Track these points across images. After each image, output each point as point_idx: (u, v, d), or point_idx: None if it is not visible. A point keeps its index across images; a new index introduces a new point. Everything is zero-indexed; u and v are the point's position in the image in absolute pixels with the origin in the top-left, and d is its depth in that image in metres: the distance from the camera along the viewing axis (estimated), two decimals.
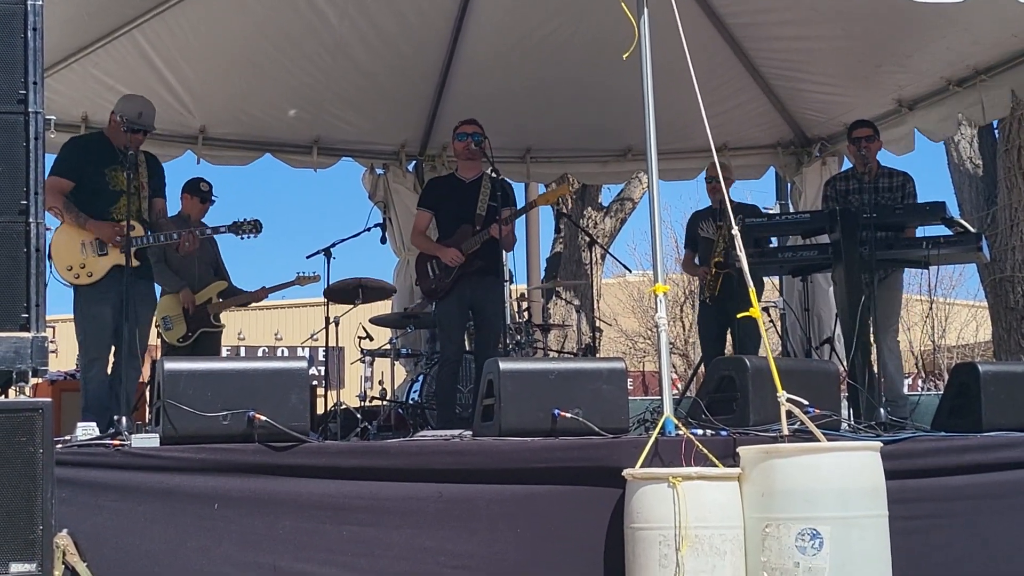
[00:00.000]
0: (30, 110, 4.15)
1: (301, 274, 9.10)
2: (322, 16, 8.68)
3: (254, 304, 9.48)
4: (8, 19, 4.16)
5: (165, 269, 8.28)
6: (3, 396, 4.19)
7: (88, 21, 8.05)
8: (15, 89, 4.15)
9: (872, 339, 7.14)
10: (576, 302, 13.94)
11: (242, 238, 7.48)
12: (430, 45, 9.45)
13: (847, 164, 9.85)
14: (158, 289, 7.89)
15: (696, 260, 9.17)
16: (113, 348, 6.83)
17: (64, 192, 6.87)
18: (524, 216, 12.79)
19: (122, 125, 6.93)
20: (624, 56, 5.86)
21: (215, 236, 8.03)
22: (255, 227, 7.45)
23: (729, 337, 8.90)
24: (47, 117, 4.21)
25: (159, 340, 8.44)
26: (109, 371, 6.84)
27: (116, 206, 6.93)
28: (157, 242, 7.15)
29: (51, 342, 4.37)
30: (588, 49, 9.00)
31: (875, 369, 7.07)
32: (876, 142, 8.20)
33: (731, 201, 8.75)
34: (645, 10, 5.91)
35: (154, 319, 7.62)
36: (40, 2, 4.20)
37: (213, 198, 8.63)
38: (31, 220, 4.10)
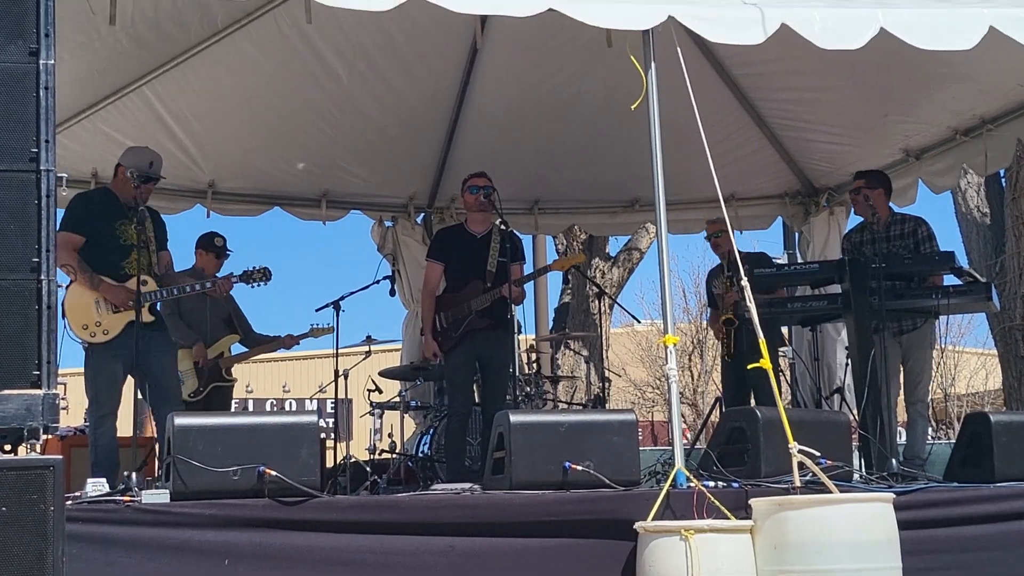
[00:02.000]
0: (42, 168, 4.16)
1: (315, 326, 9.12)
2: (331, 71, 8.73)
3: (262, 357, 9.49)
4: (21, 79, 4.18)
5: (178, 322, 8.29)
6: (14, 454, 4.18)
7: (98, 78, 8.10)
8: (27, 147, 4.16)
9: (884, 391, 7.12)
10: (585, 352, 13.93)
11: (252, 286, 7.48)
12: (438, 99, 9.50)
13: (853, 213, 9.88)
14: None
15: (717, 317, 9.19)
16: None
17: (76, 247, 6.85)
18: (534, 266, 12.83)
19: (132, 179, 6.90)
20: (632, 107, 5.89)
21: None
22: (264, 275, 7.46)
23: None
24: (59, 174, 4.22)
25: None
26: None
27: (128, 260, 6.93)
28: (170, 296, 7.16)
29: (62, 399, 4.36)
30: (595, 101, 9.04)
31: (886, 420, 7.03)
32: (877, 190, 8.13)
33: (739, 252, 8.81)
34: (653, 63, 5.94)
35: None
36: (52, 61, 4.23)
37: (228, 252, 8.67)
38: (43, 277, 4.10)
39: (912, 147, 9.21)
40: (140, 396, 6.71)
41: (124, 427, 6.81)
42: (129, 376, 6.81)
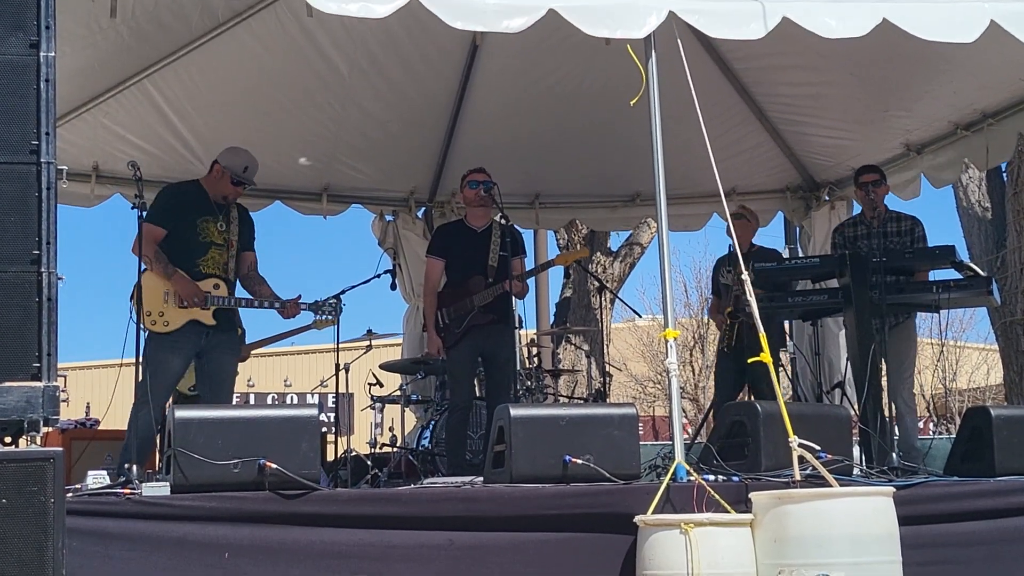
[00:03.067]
0: (42, 160, 4.17)
1: (318, 318, 9.11)
2: (332, 66, 8.73)
3: (263, 351, 9.48)
4: (21, 71, 4.18)
5: None
6: (14, 446, 4.19)
7: (99, 71, 8.09)
8: (27, 140, 4.17)
9: (884, 386, 7.13)
10: (586, 347, 13.93)
11: (320, 317, 7.48)
12: (439, 93, 9.50)
13: (856, 208, 9.88)
14: None
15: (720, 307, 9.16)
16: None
17: (157, 239, 6.92)
18: (535, 261, 12.81)
19: (230, 177, 7.06)
20: (632, 102, 5.89)
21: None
22: (335, 309, 7.44)
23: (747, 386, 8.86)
24: (59, 167, 4.23)
25: None
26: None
27: (204, 258, 7.02)
28: (238, 305, 7.16)
29: (63, 391, 4.37)
30: (596, 96, 9.03)
31: (887, 415, 7.03)
32: (883, 186, 8.22)
33: (753, 246, 8.82)
34: (653, 56, 5.94)
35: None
36: (52, 54, 4.23)
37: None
38: (43, 270, 4.11)
39: (913, 141, 9.21)
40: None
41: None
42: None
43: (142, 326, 6.80)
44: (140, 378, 6.70)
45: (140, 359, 6.68)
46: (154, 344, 6.86)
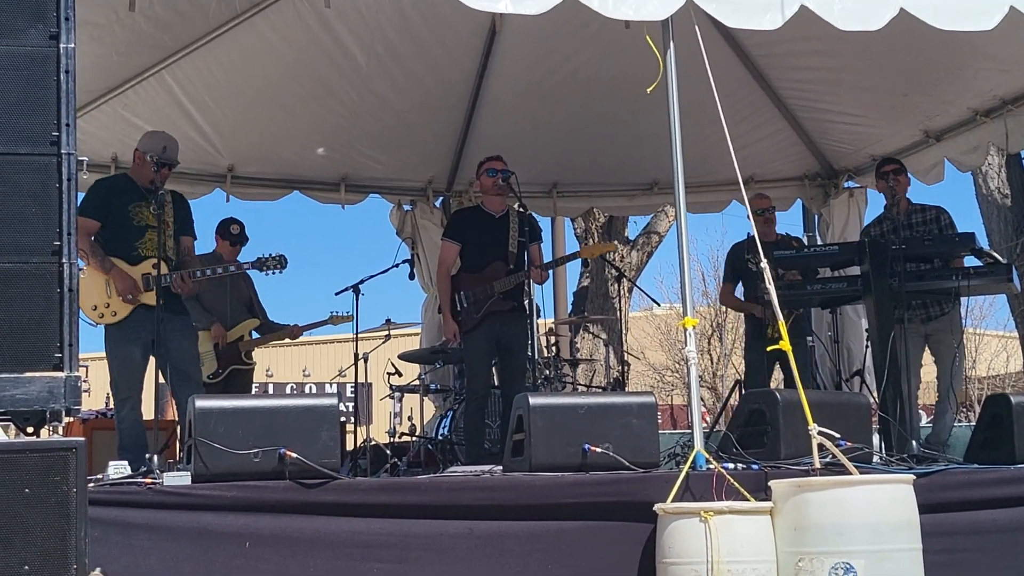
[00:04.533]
0: (63, 151, 4.19)
1: (335, 313, 9.14)
2: (349, 56, 8.73)
3: (283, 341, 9.51)
4: (41, 63, 4.20)
5: (194, 304, 8.31)
6: (36, 436, 4.21)
7: (117, 62, 8.12)
8: (48, 131, 4.19)
9: (905, 373, 7.10)
10: (604, 336, 13.93)
11: (266, 274, 7.45)
12: (457, 82, 9.50)
13: (872, 196, 9.85)
14: None
15: (741, 294, 9.12)
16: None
17: (91, 232, 6.92)
18: (552, 249, 12.81)
19: (150, 163, 6.99)
20: (649, 90, 5.88)
21: (250, 274, 8.03)
22: (280, 263, 7.38)
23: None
24: (79, 158, 4.25)
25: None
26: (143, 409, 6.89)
27: (141, 241, 7.00)
28: (169, 282, 7.04)
29: (84, 381, 4.39)
30: (614, 84, 9.02)
31: (905, 399, 7.01)
32: (904, 176, 8.18)
33: (778, 234, 8.80)
34: (671, 44, 5.92)
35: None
36: (72, 45, 4.25)
37: (245, 238, 8.69)
38: (64, 260, 4.13)
39: (932, 128, 9.17)
40: (162, 379, 6.75)
41: (149, 411, 6.84)
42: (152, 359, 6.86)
43: (91, 322, 6.83)
44: (110, 377, 6.72)
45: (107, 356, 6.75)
46: (112, 338, 6.88)
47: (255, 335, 9.01)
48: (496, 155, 7.86)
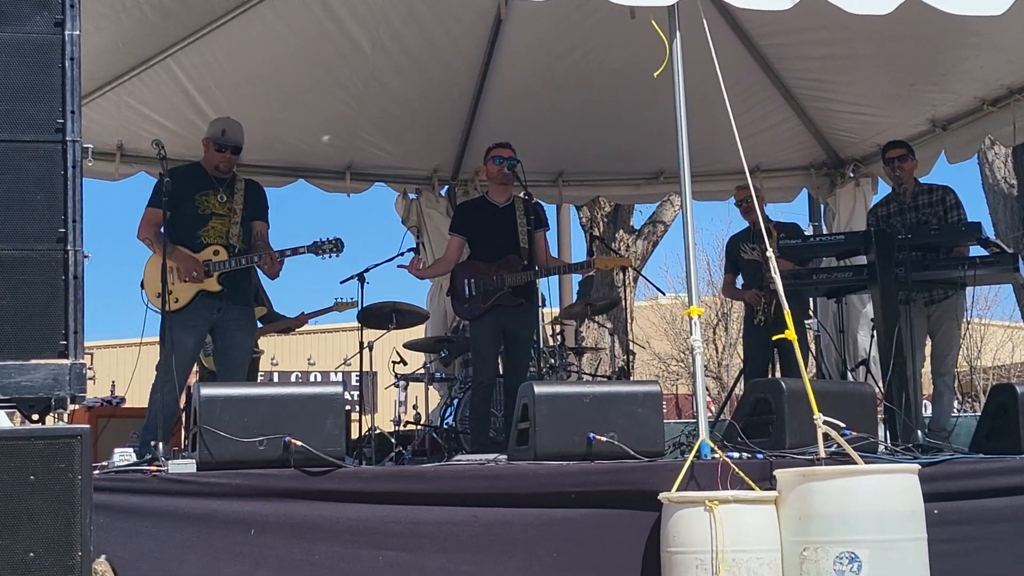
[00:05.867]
0: (68, 139, 4.18)
1: (339, 300, 9.14)
2: (355, 44, 8.73)
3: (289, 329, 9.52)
4: (46, 49, 4.20)
5: None
6: (41, 423, 4.22)
7: (123, 50, 8.11)
8: (53, 118, 4.18)
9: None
10: (609, 325, 13.92)
11: (323, 258, 7.40)
12: (462, 71, 9.49)
13: (880, 184, 9.83)
14: None
15: (740, 283, 9.13)
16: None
17: (159, 223, 6.98)
18: (557, 237, 12.79)
19: (213, 146, 7.17)
20: (655, 74, 5.85)
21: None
22: (336, 246, 7.34)
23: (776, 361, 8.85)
24: (84, 146, 4.24)
25: (197, 365, 8.47)
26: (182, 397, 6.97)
27: (205, 229, 7.10)
28: (238, 266, 7.12)
29: (89, 369, 4.39)
30: (620, 73, 9.00)
31: (910, 389, 7.01)
32: (910, 161, 8.16)
33: (770, 221, 8.78)
34: (678, 32, 5.90)
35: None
36: (77, 32, 4.24)
37: None
38: (69, 248, 4.13)
39: (939, 117, 9.15)
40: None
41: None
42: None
43: (155, 309, 6.87)
44: (160, 358, 6.75)
45: (160, 340, 6.76)
46: (167, 324, 6.90)
47: (260, 323, 9.01)
48: (504, 142, 7.85)
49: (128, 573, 4.79)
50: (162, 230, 6.91)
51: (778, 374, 8.73)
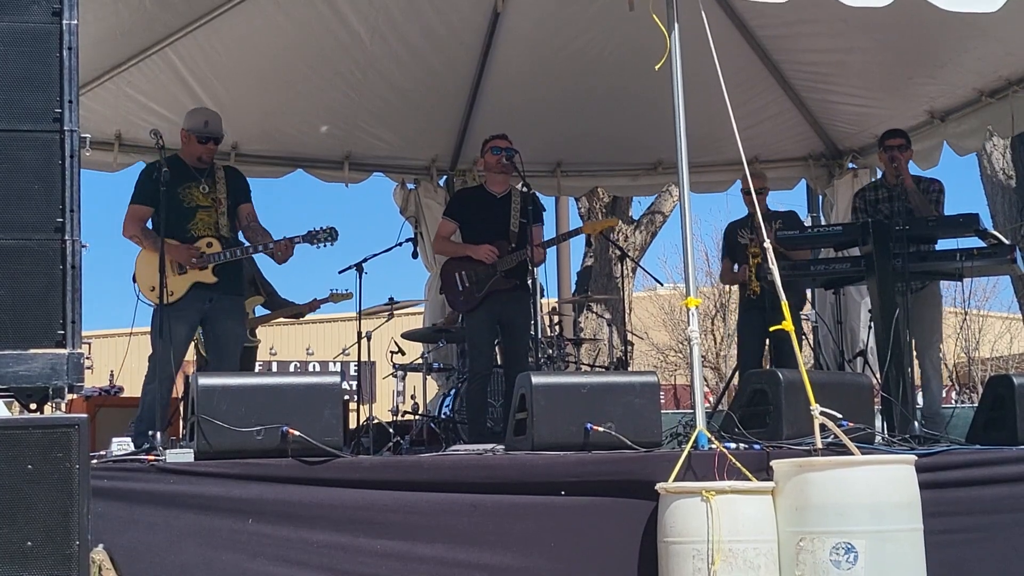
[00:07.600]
0: (65, 128, 4.19)
1: (334, 291, 9.15)
2: (353, 34, 8.72)
3: (285, 319, 9.53)
4: (44, 38, 4.20)
5: None
6: (39, 412, 4.22)
7: (121, 40, 8.10)
8: (51, 108, 4.18)
9: (913, 352, 7.11)
10: (607, 316, 13.94)
11: (317, 247, 7.39)
12: (461, 61, 9.48)
13: (879, 175, 9.83)
14: None
15: (735, 268, 9.15)
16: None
17: (144, 219, 7.00)
18: (556, 228, 12.79)
19: (195, 137, 7.11)
20: (656, 68, 5.86)
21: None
22: (330, 235, 7.35)
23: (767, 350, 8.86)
24: (82, 135, 4.24)
25: (195, 354, 8.47)
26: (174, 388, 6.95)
27: (193, 222, 7.06)
28: (233, 258, 7.13)
29: (87, 358, 4.39)
30: (619, 63, 9.00)
31: (910, 381, 7.02)
32: (908, 151, 8.15)
33: (768, 210, 8.78)
34: (676, 24, 5.90)
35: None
36: (75, 21, 4.24)
37: None
38: (67, 238, 4.14)
39: (937, 109, 9.15)
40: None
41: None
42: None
43: (148, 302, 6.86)
44: (152, 350, 6.76)
45: (153, 332, 6.75)
46: (159, 316, 6.88)
47: (261, 311, 9.02)
48: (501, 133, 7.84)
49: (126, 562, 4.80)
50: (149, 224, 6.94)
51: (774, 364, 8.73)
